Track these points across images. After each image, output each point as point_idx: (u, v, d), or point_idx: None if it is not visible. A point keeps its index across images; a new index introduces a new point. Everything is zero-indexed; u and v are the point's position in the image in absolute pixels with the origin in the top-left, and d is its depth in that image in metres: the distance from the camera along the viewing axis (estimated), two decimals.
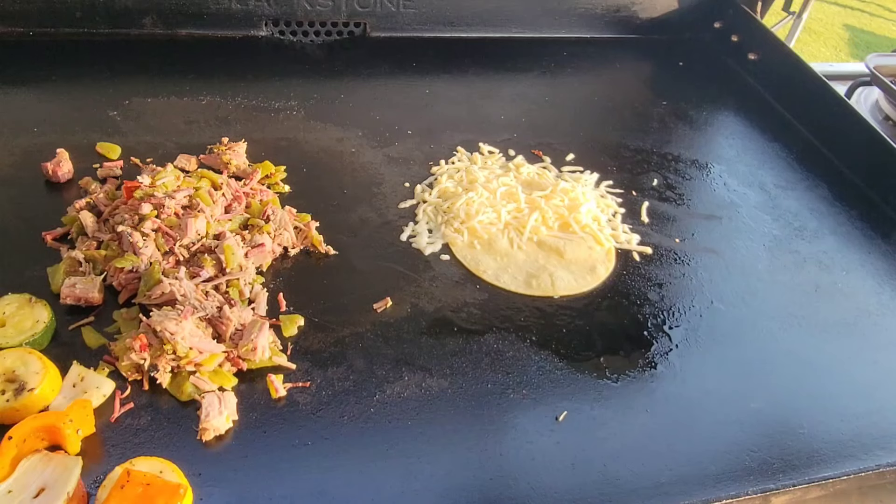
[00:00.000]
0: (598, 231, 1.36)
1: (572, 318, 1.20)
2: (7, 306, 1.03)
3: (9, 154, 1.34)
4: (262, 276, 1.17)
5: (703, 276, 1.32)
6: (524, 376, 1.09)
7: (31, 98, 1.49)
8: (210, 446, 0.93)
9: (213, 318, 1.05)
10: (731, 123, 1.80)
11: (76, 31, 1.66)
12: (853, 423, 1.08)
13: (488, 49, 1.91)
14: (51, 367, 0.94)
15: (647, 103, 1.82)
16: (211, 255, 1.14)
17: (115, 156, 1.37)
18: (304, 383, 1.03)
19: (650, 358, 1.15)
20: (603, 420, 1.04)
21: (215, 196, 1.23)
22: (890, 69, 1.82)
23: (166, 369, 0.98)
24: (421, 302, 1.19)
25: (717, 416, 1.07)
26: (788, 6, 2.24)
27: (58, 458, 0.86)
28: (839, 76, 2.04)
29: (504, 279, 1.25)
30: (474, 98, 1.72)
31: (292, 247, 1.23)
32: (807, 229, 1.47)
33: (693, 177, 1.58)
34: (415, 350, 1.10)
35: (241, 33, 1.76)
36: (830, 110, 1.71)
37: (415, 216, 1.36)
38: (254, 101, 1.58)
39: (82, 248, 1.14)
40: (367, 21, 1.83)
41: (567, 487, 0.94)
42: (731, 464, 1.00)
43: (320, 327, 1.12)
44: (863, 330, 1.26)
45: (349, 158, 1.47)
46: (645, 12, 2.05)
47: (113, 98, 1.51)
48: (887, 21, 6.39)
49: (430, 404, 1.03)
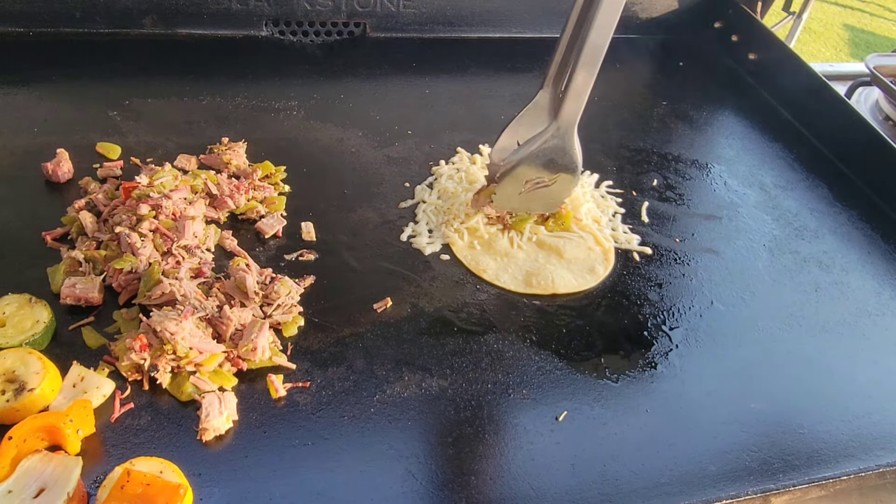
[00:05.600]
0: (598, 231, 1.36)
1: (572, 318, 1.20)
2: (7, 306, 1.03)
3: (9, 154, 1.34)
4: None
5: (703, 276, 1.32)
6: (524, 376, 1.09)
7: (31, 98, 1.49)
8: (210, 446, 0.93)
9: (213, 318, 1.05)
10: (731, 123, 1.80)
11: (76, 31, 1.66)
12: (853, 423, 1.08)
13: (488, 49, 1.91)
14: (51, 367, 0.94)
15: (647, 103, 1.82)
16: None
17: (115, 156, 1.37)
18: (304, 383, 1.03)
19: (650, 358, 1.15)
20: (603, 420, 1.04)
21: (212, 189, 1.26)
22: (890, 69, 1.82)
23: (166, 369, 0.98)
24: (421, 302, 1.19)
25: (717, 416, 1.07)
26: (788, 6, 2.24)
27: (58, 458, 0.86)
28: (839, 76, 2.05)
29: (504, 279, 1.25)
30: (474, 98, 1.72)
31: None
32: (807, 229, 1.47)
33: (693, 177, 1.58)
34: (415, 350, 1.10)
35: (241, 33, 1.76)
36: (830, 110, 1.71)
37: (415, 216, 1.36)
38: (254, 101, 1.58)
39: (82, 248, 1.14)
40: (367, 21, 1.83)
41: (567, 487, 0.94)
42: (731, 464, 1.00)
43: (320, 327, 1.12)
44: (863, 330, 1.26)
45: (349, 158, 1.47)
46: (645, 12, 2.05)
47: (113, 98, 1.51)
48: (887, 21, 6.39)
49: (430, 404, 1.03)
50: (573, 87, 1.14)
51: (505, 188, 1.25)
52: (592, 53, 1.10)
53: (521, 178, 1.23)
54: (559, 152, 1.21)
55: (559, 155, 1.21)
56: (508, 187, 1.25)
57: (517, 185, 1.24)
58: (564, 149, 1.21)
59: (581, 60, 1.10)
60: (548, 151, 1.20)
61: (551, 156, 1.21)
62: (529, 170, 1.22)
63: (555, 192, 1.27)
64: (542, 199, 1.28)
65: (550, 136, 1.19)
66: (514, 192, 1.25)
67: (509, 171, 1.23)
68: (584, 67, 1.11)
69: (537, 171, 1.22)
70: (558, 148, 1.20)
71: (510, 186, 1.24)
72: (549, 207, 1.33)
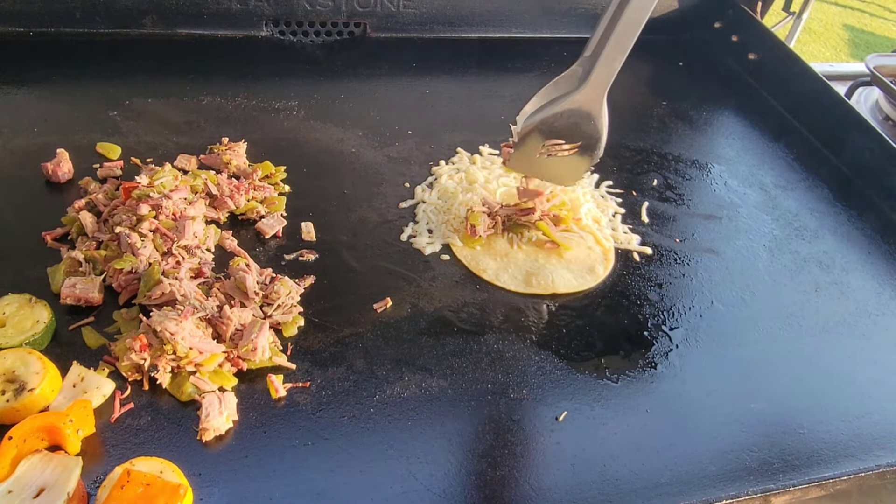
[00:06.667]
0: (598, 231, 1.36)
1: (572, 318, 1.20)
2: (7, 306, 1.03)
3: (9, 154, 1.34)
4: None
5: (703, 276, 1.32)
6: (524, 376, 1.09)
7: (31, 98, 1.49)
8: (210, 446, 0.93)
9: (213, 318, 1.05)
10: (731, 123, 1.80)
11: (76, 31, 1.66)
12: (853, 423, 1.08)
13: (488, 49, 1.91)
14: (51, 368, 0.94)
15: (647, 103, 1.82)
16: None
17: (115, 156, 1.37)
18: (304, 383, 1.03)
19: (650, 358, 1.15)
20: (603, 420, 1.04)
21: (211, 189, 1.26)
22: (890, 69, 1.82)
23: (166, 369, 0.98)
24: (421, 302, 1.19)
25: (717, 416, 1.07)
26: (788, 6, 2.24)
27: (58, 458, 0.86)
28: (839, 76, 2.05)
29: (504, 279, 1.25)
30: (474, 98, 1.72)
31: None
32: (807, 229, 1.47)
33: (693, 177, 1.58)
34: (415, 350, 1.10)
35: (241, 33, 1.76)
36: (830, 110, 1.71)
37: (415, 216, 1.36)
38: (254, 101, 1.58)
39: (82, 248, 1.14)
40: (367, 21, 1.83)
41: (567, 487, 0.94)
42: (731, 464, 1.00)
43: (320, 327, 1.12)
44: (863, 330, 1.26)
45: (349, 158, 1.47)
46: None
47: (113, 98, 1.51)
48: (887, 21, 6.39)
49: (430, 404, 1.03)
50: (607, 53, 1.08)
51: (523, 147, 1.18)
52: (635, 16, 1.05)
53: (540, 139, 1.17)
54: (585, 117, 1.14)
55: (584, 120, 1.14)
56: (527, 146, 1.18)
57: (536, 146, 1.17)
58: (591, 114, 1.14)
59: (622, 20, 1.05)
60: (573, 114, 1.13)
61: (576, 119, 1.14)
62: (550, 132, 1.15)
63: (572, 163, 1.20)
64: (558, 168, 1.22)
65: (579, 97, 1.12)
66: (532, 153, 1.19)
67: (530, 130, 1.16)
68: (622, 35, 1.06)
69: (558, 133, 1.16)
70: (584, 112, 1.13)
71: (528, 145, 1.17)
72: (563, 180, 1.27)
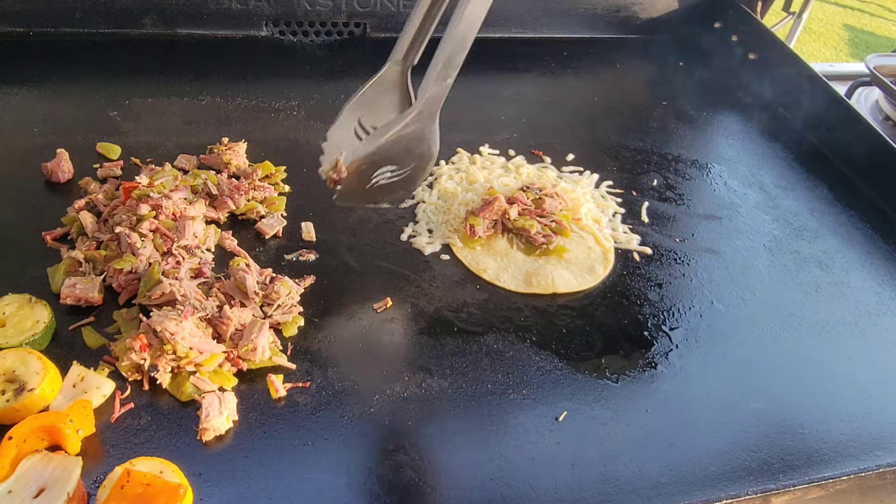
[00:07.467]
0: (598, 231, 1.36)
1: (572, 318, 1.20)
2: (7, 306, 1.03)
3: (9, 154, 1.34)
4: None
5: (703, 276, 1.32)
6: (524, 376, 1.09)
7: (31, 98, 1.49)
8: (210, 446, 0.93)
9: (213, 318, 1.05)
10: (731, 123, 1.80)
11: (76, 31, 1.66)
12: (853, 423, 1.08)
13: (488, 49, 1.91)
14: (51, 368, 0.94)
15: (647, 103, 1.82)
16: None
17: (115, 156, 1.37)
18: (304, 383, 1.03)
19: (650, 358, 1.15)
20: (603, 420, 1.04)
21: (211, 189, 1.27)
22: (890, 69, 1.82)
23: (166, 369, 0.98)
24: (421, 302, 1.19)
25: (717, 416, 1.07)
26: (788, 6, 2.24)
27: (58, 458, 0.86)
28: (839, 76, 2.05)
29: (504, 279, 1.25)
30: (474, 98, 1.72)
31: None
32: (807, 229, 1.47)
33: (693, 177, 1.58)
34: (415, 350, 1.10)
35: (241, 33, 1.76)
36: (830, 110, 1.71)
37: (415, 216, 1.36)
38: (254, 101, 1.58)
39: (82, 248, 1.14)
40: (367, 21, 1.83)
41: (567, 487, 0.94)
42: (731, 464, 1.00)
43: (320, 327, 1.12)
44: (863, 330, 1.26)
45: None
46: (645, 12, 2.05)
47: (113, 98, 1.51)
48: (887, 21, 6.39)
49: (430, 404, 1.03)
50: (439, 69, 1.00)
51: (351, 182, 1.09)
52: (464, 32, 0.97)
53: (371, 171, 1.09)
54: (417, 140, 1.08)
55: (416, 143, 1.08)
56: (355, 181, 1.09)
57: (367, 176, 1.10)
58: (423, 136, 1.08)
59: (451, 37, 0.97)
60: (405, 139, 1.07)
61: (407, 143, 1.08)
62: (382, 160, 1.08)
63: (406, 181, 1.14)
64: (389, 191, 1.16)
65: (411, 121, 1.05)
66: (360, 186, 1.12)
67: (361, 161, 1.08)
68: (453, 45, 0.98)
69: (390, 160, 1.09)
70: (417, 135, 1.07)
71: (361, 177, 1.09)
72: (398, 199, 1.22)
